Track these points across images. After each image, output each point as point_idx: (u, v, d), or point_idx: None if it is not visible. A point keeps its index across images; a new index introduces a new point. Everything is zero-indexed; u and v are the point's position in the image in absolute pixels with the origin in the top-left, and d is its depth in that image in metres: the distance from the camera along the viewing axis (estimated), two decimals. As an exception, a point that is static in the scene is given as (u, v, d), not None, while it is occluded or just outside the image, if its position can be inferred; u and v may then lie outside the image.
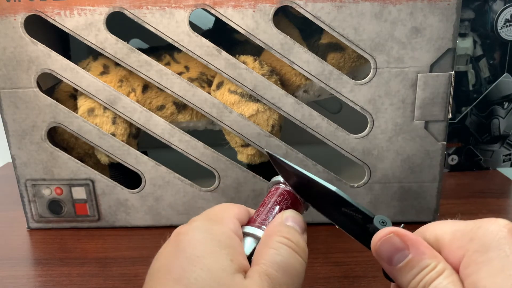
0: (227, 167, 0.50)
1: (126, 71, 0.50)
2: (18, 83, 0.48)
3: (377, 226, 0.26)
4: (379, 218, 0.27)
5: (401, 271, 0.24)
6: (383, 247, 0.25)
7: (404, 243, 0.25)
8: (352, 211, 0.28)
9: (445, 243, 0.25)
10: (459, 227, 0.25)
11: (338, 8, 0.44)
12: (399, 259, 0.24)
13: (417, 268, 0.24)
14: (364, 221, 0.27)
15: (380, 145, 0.48)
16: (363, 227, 0.27)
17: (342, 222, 0.29)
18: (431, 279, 0.23)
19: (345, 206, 0.28)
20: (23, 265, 0.48)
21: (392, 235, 0.25)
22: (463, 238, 0.24)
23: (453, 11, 0.44)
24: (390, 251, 0.25)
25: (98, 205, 0.52)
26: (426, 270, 0.24)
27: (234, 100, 0.48)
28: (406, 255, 0.24)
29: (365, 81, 0.46)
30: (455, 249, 0.24)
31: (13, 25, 0.46)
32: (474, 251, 0.23)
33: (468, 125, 0.65)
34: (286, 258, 0.26)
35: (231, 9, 0.44)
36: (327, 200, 0.29)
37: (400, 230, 0.25)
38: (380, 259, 0.25)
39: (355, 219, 0.28)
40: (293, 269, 0.26)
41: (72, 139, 0.52)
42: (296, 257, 0.26)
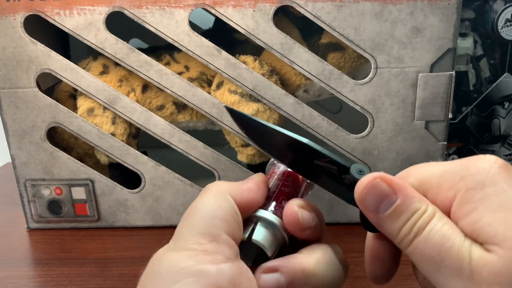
0: (227, 167, 0.50)
1: (126, 71, 0.49)
2: (18, 83, 0.48)
3: (355, 176, 0.25)
4: (356, 167, 0.25)
5: (389, 219, 0.23)
6: (368, 195, 0.23)
7: (391, 188, 0.23)
8: (325, 163, 0.26)
9: (432, 184, 0.23)
10: (446, 167, 0.23)
11: (338, 8, 0.44)
12: (387, 205, 0.23)
13: (407, 213, 0.22)
14: (340, 172, 0.25)
15: (380, 145, 0.48)
16: (338, 179, 0.26)
17: (316, 177, 0.27)
18: (425, 222, 0.22)
19: (318, 158, 0.26)
20: (22, 265, 0.47)
21: (378, 180, 0.23)
22: (453, 178, 0.23)
23: (454, 11, 0.44)
24: (377, 198, 0.23)
25: (98, 205, 0.52)
26: (417, 214, 0.22)
27: (234, 100, 0.48)
28: (394, 200, 0.23)
29: (365, 81, 0.46)
30: (445, 190, 0.23)
31: (12, 25, 0.46)
32: (467, 189, 0.22)
33: (468, 125, 0.65)
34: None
35: (231, 8, 0.44)
36: (298, 154, 0.27)
37: (386, 175, 0.23)
38: (365, 208, 0.24)
39: (329, 172, 0.26)
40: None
41: (71, 139, 0.52)
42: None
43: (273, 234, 0.26)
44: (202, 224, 0.24)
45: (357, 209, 0.26)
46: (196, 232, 0.24)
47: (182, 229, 0.24)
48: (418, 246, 0.22)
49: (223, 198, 0.26)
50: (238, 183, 0.27)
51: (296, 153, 0.27)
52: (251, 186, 0.27)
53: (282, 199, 0.28)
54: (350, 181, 0.25)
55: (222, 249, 0.23)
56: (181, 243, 0.24)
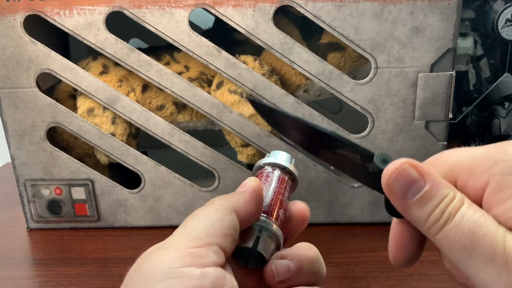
0: (227, 167, 0.50)
1: (126, 71, 0.49)
2: (17, 83, 0.48)
3: (378, 165, 0.24)
4: (380, 156, 0.25)
5: (417, 205, 0.22)
6: (396, 181, 0.23)
7: (419, 174, 0.22)
8: (349, 152, 0.26)
9: (464, 169, 0.23)
10: (479, 151, 0.23)
11: (338, 7, 0.44)
12: (415, 191, 0.22)
13: (436, 199, 0.22)
14: (363, 161, 0.25)
15: (380, 145, 0.48)
16: (362, 167, 0.25)
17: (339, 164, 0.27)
18: (455, 209, 0.21)
19: (341, 148, 0.26)
20: (22, 265, 0.47)
21: (406, 166, 0.23)
22: (487, 162, 0.22)
23: (454, 10, 0.43)
24: (405, 183, 0.22)
25: (98, 205, 0.52)
26: (446, 200, 0.22)
27: (234, 100, 0.48)
28: (422, 186, 0.22)
29: (366, 81, 0.46)
30: (477, 175, 0.22)
31: (12, 25, 0.46)
32: (503, 175, 0.21)
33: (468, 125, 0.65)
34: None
35: (231, 8, 0.44)
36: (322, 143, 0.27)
37: (414, 161, 0.23)
38: (393, 194, 0.23)
39: (353, 160, 0.26)
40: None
41: (71, 139, 0.52)
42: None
43: (273, 242, 0.27)
44: (197, 229, 0.24)
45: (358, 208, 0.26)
46: (189, 234, 0.24)
47: (178, 231, 0.25)
48: (449, 233, 0.21)
49: (227, 213, 0.26)
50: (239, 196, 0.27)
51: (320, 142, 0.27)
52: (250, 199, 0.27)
53: (279, 208, 0.29)
54: (374, 169, 0.25)
55: (209, 255, 0.24)
56: (172, 242, 0.24)
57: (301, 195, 0.50)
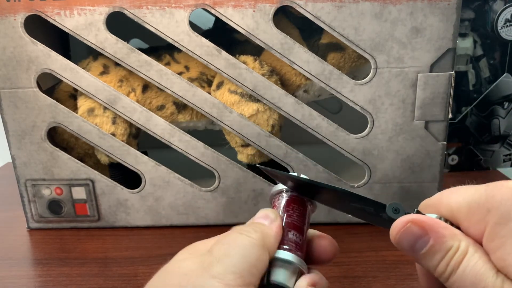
0: (227, 167, 0.50)
1: (126, 71, 0.50)
2: (18, 83, 0.48)
3: (391, 215, 0.26)
4: (392, 207, 0.26)
5: (425, 257, 0.24)
6: (403, 239, 0.25)
7: (423, 230, 0.24)
8: (363, 205, 0.27)
9: (463, 217, 0.25)
10: (473, 197, 0.24)
11: (338, 8, 0.44)
12: (421, 246, 0.24)
13: (440, 252, 0.24)
14: (377, 211, 0.27)
15: (380, 145, 0.48)
16: (376, 216, 0.27)
17: (355, 213, 0.29)
18: (458, 261, 0.23)
19: (354, 202, 0.28)
20: (23, 265, 0.48)
21: (409, 225, 0.25)
22: (481, 211, 0.24)
23: (453, 11, 0.44)
24: (411, 240, 0.24)
25: (98, 205, 0.52)
26: (450, 253, 0.23)
27: (234, 100, 0.48)
28: (427, 241, 0.24)
29: (365, 81, 0.46)
30: (475, 224, 0.24)
31: (13, 25, 0.46)
32: (494, 224, 0.23)
33: (468, 125, 0.65)
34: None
35: (231, 9, 0.44)
36: (335, 200, 0.29)
37: (416, 218, 0.25)
38: (402, 250, 0.25)
39: (366, 211, 0.28)
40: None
41: (72, 139, 0.52)
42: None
43: (289, 269, 0.27)
44: (245, 268, 0.25)
45: None
46: (237, 270, 0.25)
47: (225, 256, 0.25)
48: (454, 284, 0.23)
49: (263, 252, 0.26)
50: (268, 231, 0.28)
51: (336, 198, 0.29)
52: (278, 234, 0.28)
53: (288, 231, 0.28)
54: (387, 218, 0.27)
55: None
56: (219, 270, 0.24)
57: (301, 195, 0.50)
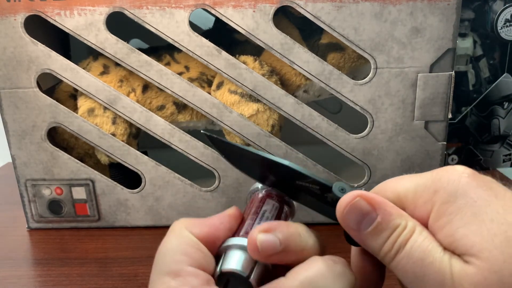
0: (227, 167, 0.50)
1: (126, 71, 0.50)
2: (18, 83, 0.48)
3: (337, 194, 0.25)
4: (338, 186, 0.25)
5: (371, 236, 0.23)
6: (350, 214, 0.24)
7: (371, 206, 0.24)
8: (308, 183, 0.26)
9: (409, 200, 0.24)
10: (419, 181, 0.24)
11: (338, 8, 0.44)
12: (368, 223, 0.23)
13: (387, 230, 0.23)
14: (322, 191, 0.26)
15: (380, 145, 0.48)
16: (321, 197, 0.26)
17: (299, 196, 0.27)
18: (406, 239, 0.23)
19: (300, 179, 0.26)
20: (23, 265, 0.48)
21: (358, 199, 0.24)
22: (427, 192, 0.23)
23: (453, 11, 0.44)
24: (358, 216, 0.24)
25: (98, 205, 0.52)
26: (398, 231, 0.23)
27: (234, 100, 0.48)
28: (374, 218, 0.23)
29: (365, 81, 0.46)
30: (421, 205, 0.23)
31: (13, 25, 0.46)
32: (441, 203, 0.23)
33: (468, 125, 0.65)
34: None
35: (231, 9, 0.44)
36: (280, 176, 0.27)
37: (365, 193, 0.24)
38: (347, 227, 0.24)
39: (312, 191, 0.26)
40: None
41: (72, 139, 0.52)
42: None
43: (245, 257, 0.25)
44: (164, 263, 0.24)
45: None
46: (161, 273, 0.24)
47: (152, 275, 0.25)
48: (400, 262, 0.23)
49: (180, 233, 0.26)
50: (202, 219, 0.27)
51: (278, 175, 0.28)
52: (214, 221, 0.27)
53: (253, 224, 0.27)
54: (333, 199, 0.25)
55: (187, 281, 0.23)
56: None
57: (301, 195, 0.50)
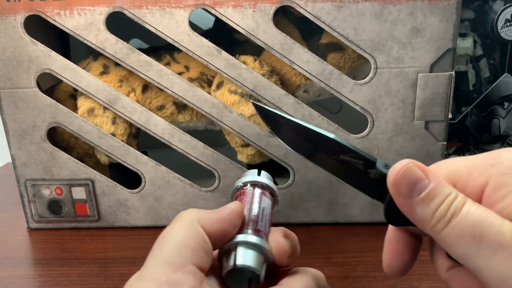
0: (227, 167, 0.50)
1: (126, 71, 0.50)
2: (18, 83, 0.48)
3: (381, 169, 0.25)
4: (382, 162, 0.25)
5: (423, 202, 0.23)
6: (402, 179, 0.23)
7: (424, 173, 0.23)
8: (351, 158, 0.26)
9: (462, 174, 0.24)
10: (475, 158, 0.24)
11: (338, 8, 0.44)
12: (420, 189, 0.23)
13: (441, 196, 0.23)
14: (366, 167, 0.26)
15: (380, 145, 0.48)
16: (363, 173, 0.26)
17: (340, 171, 0.27)
18: (461, 204, 0.22)
19: (344, 153, 0.26)
20: (23, 265, 0.47)
21: (412, 165, 0.23)
22: (483, 165, 0.23)
23: (453, 11, 0.44)
24: (411, 181, 0.23)
25: (98, 205, 0.52)
26: (451, 197, 0.22)
27: (234, 100, 0.48)
28: (427, 184, 0.23)
29: (365, 81, 0.46)
30: (475, 177, 0.23)
31: (13, 25, 0.46)
32: (500, 175, 0.22)
33: (468, 125, 0.65)
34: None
35: (231, 9, 0.44)
36: (324, 149, 0.27)
37: (417, 162, 0.24)
38: (399, 193, 0.24)
39: (355, 166, 0.26)
40: None
41: (72, 139, 0.52)
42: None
43: (256, 253, 0.26)
44: (170, 253, 0.24)
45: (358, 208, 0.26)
46: (162, 261, 0.24)
47: (151, 258, 0.25)
48: (456, 226, 0.22)
49: (193, 226, 0.26)
50: (212, 212, 0.27)
51: (322, 148, 0.28)
52: (224, 216, 0.27)
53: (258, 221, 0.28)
54: (376, 175, 0.25)
55: (187, 279, 0.23)
56: (147, 273, 0.24)
57: (301, 195, 0.50)
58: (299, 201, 0.51)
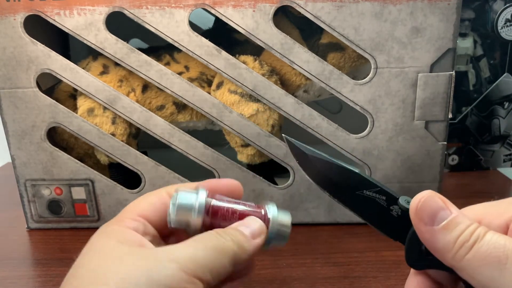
0: (227, 167, 0.50)
1: (126, 71, 0.50)
2: (17, 83, 0.48)
3: (403, 204, 0.25)
4: (405, 198, 0.26)
5: (445, 230, 0.23)
6: (425, 206, 0.24)
7: (444, 203, 0.24)
8: (375, 193, 0.27)
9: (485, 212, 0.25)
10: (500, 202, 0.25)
11: (338, 8, 0.44)
12: (443, 217, 0.23)
13: (463, 224, 0.23)
14: (388, 203, 0.26)
15: (380, 145, 0.48)
16: (386, 210, 0.26)
17: (362, 209, 0.27)
18: (483, 232, 0.23)
19: (367, 188, 0.27)
20: (23, 265, 0.47)
21: (432, 195, 0.24)
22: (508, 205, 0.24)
23: (454, 11, 0.44)
24: (433, 209, 0.24)
25: (98, 205, 0.52)
26: (473, 226, 0.23)
27: (234, 100, 0.48)
28: (449, 214, 0.24)
29: (365, 81, 0.46)
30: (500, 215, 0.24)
31: (12, 25, 0.46)
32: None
33: (468, 125, 0.65)
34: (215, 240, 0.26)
35: (231, 9, 0.44)
36: (347, 184, 0.28)
37: (437, 193, 0.24)
38: (421, 221, 0.24)
39: (377, 202, 0.27)
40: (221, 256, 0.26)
41: (71, 139, 0.52)
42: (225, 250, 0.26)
43: (193, 195, 0.29)
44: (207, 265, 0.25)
45: None
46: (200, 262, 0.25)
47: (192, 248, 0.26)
48: (480, 249, 0.22)
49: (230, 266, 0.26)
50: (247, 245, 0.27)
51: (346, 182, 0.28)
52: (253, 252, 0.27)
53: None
54: (398, 212, 0.26)
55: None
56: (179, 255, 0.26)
57: (301, 195, 0.50)
58: (299, 201, 0.51)
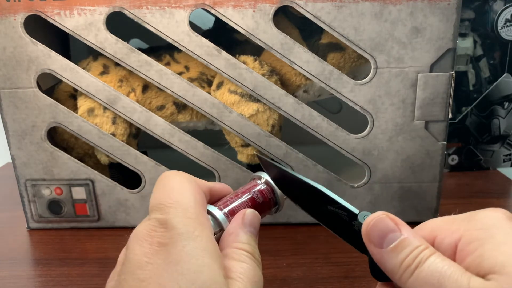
0: (227, 167, 0.50)
1: (126, 71, 0.50)
2: (18, 83, 0.48)
3: (361, 221, 0.26)
4: (364, 214, 0.27)
5: (392, 253, 0.24)
6: (375, 228, 0.25)
7: (396, 225, 0.25)
8: (337, 208, 0.28)
9: (441, 227, 0.25)
10: (456, 217, 0.25)
11: (338, 8, 0.44)
12: (391, 239, 0.24)
13: (410, 247, 0.24)
14: (350, 218, 0.27)
15: (380, 145, 0.48)
16: (348, 224, 0.27)
17: (328, 221, 0.29)
18: (427, 255, 0.23)
19: (331, 204, 0.28)
20: (23, 265, 0.47)
21: (384, 216, 0.25)
22: (460, 221, 0.24)
23: (453, 11, 0.44)
24: (383, 232, 0.24)
25: (98, 205, 0.52)
26: (420, 248, 0.24)
27: (234, 100, 0.48)
28: (398, 236, 0.24)
29: (365, 81, 0.46)
30: (452, 233, 0.24)
31: (13, 25, 0.46)
32: (475, 230, 0.23)
33: (468, 125, 0.65)
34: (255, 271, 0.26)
35: (231, 9, 0.44)
36: (313, 199, 0.29)
37: (390, 214, 0.25)
38: (371, 242, 0.25)
39: (340, 217, 0.28)
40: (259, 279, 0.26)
41: (72, 139, 0.52)
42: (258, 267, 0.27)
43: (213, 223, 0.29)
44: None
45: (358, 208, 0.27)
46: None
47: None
48: (419, 275, 0.23)
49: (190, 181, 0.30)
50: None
51: (313, 199, 0.30)
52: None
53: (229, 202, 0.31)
54: (359, 227, 0.26)
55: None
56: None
57: (301, 195, 0.50)
58: (299, 201, 0.51)
